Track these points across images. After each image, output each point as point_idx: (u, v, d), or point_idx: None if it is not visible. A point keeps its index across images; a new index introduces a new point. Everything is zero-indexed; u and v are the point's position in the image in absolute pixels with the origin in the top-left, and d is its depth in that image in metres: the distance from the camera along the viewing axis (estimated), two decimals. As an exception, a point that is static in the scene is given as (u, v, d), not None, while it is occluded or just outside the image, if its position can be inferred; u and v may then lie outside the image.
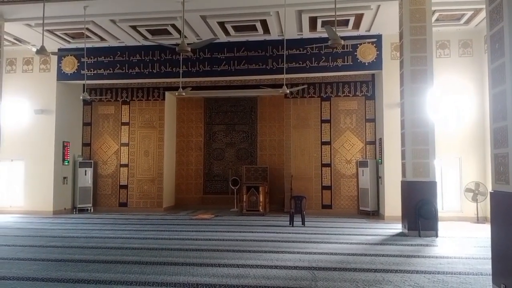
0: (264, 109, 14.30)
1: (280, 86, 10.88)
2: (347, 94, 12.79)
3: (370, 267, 5.76)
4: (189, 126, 14.82)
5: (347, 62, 11.64)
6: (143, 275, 5.34)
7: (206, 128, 14.77)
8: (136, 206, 13.44)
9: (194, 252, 6.82)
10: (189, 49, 6.82)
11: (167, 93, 13.74)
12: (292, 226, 9.73)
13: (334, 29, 7.09)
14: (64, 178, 12.86)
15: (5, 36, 10.99)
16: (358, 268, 5.72)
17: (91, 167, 13.37)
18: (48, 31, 11.16)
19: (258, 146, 14.29)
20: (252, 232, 8.97)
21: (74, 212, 12.89)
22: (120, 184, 13.64)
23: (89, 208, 13.20)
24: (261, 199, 12.04)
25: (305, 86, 12.12)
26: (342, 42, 7.18)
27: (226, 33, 11.43)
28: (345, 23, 10.75)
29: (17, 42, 12.11)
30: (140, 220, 11.15)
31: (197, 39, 11.72)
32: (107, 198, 13.67)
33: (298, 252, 6.78)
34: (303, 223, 9.81)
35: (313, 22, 10.73)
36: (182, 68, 11.76)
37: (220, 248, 7.17)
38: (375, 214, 11.82)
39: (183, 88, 11.23)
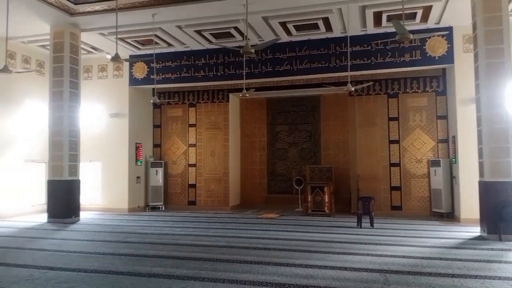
0: (328, 107, 14.10)
1: (344, 84, 10.70)
2: (416, 90, 12.24)
3: (447, 272, 5.47)
4: (252, 127, 15.02)
5: (415, 56, 11.14)
6: (214, 272, 5.50)
7: (268, 128, 14.87)
8: (204, 205, 13.87)
9: (262, 251, 6.89)
10: (253, 50, 6.91)
11: (231, 95, 14.02)
12: (360, 227, 9.50)
13: (402, 23, 6.83)
14: (137, 177, 13.61)
15: (82, 45, 11.82)
16: (433, 273, 5.44)
17: (161, 167, 14.02)
18: (120, 39, 11.83)
19: (322, 145, 14.12)
20: (319, 232, 8.88)
21: (147, 210, 13.59)
22: (189, 183, 14.15)
23: (160, 206, 13.85)
24: (326, 200, 11.89)
25: (371, 83, 11.77)
26: (411, 36, 6.89)
27: (288, 32, 11.43)
28: (413, 16, 10.29)
29: (92, 51, 13.01)
30: (208, 218, 11.49)
31: (259, 40, 11.84)
32: (177, 196, 14.25)
33: (368, 254, 6.61)
34: (371, 225, 9.54)
35: (377, 17, 10.41)
36: (245, 69, 11.93)
37: (287, 247, 7.18)
38: (450, 216, 11.17)
39: (247, 89, 11.38)
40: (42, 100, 12.59)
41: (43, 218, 11.01)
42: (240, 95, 11.70)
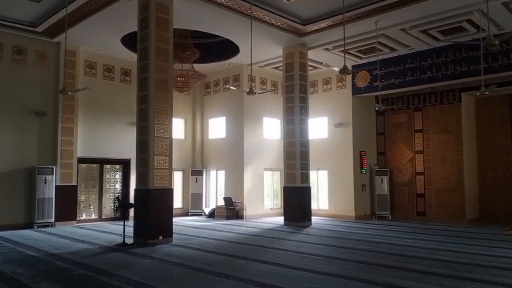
0: None
1: None
2: None
3: None
4: (491, 128, 13.13)
5: None
6: (459, 292, 5.00)
7: (513, 129, 12.72)
8: (435, 216, 12.85)
9: (517, 274, 5.88)
10: (497, 42, 6.02)
11: (463, 94, 12.64)
12: None
13: None
14: (363, 185, 13.71)
15: (308, 62, 12.72)
16: None
17: (387, 175, 13.74)
18: (343, 51, 12.24)
19: None
20: None
21: (373, 218, 13.50)
22: (417, 192, 13.38)
23: (387, 215, 13.55)
24: None
25: None
26: None
27: (539, 14, 9.56)
28: None
29: (318, 66, 13.86)
30: (441, 231, 10.59)
31: (497, 30, 10.35)
32: (404, 206, 13.66)
33: None
34: None
35: None
36: (482, 64, 10.50)
37: (553, 273, 5.92)
38: None
39: (486, 86, 9.98)
40: (276, 115, 14.28)
41: (280, 220, 12.29)
42: (478, 93, 10.32)
